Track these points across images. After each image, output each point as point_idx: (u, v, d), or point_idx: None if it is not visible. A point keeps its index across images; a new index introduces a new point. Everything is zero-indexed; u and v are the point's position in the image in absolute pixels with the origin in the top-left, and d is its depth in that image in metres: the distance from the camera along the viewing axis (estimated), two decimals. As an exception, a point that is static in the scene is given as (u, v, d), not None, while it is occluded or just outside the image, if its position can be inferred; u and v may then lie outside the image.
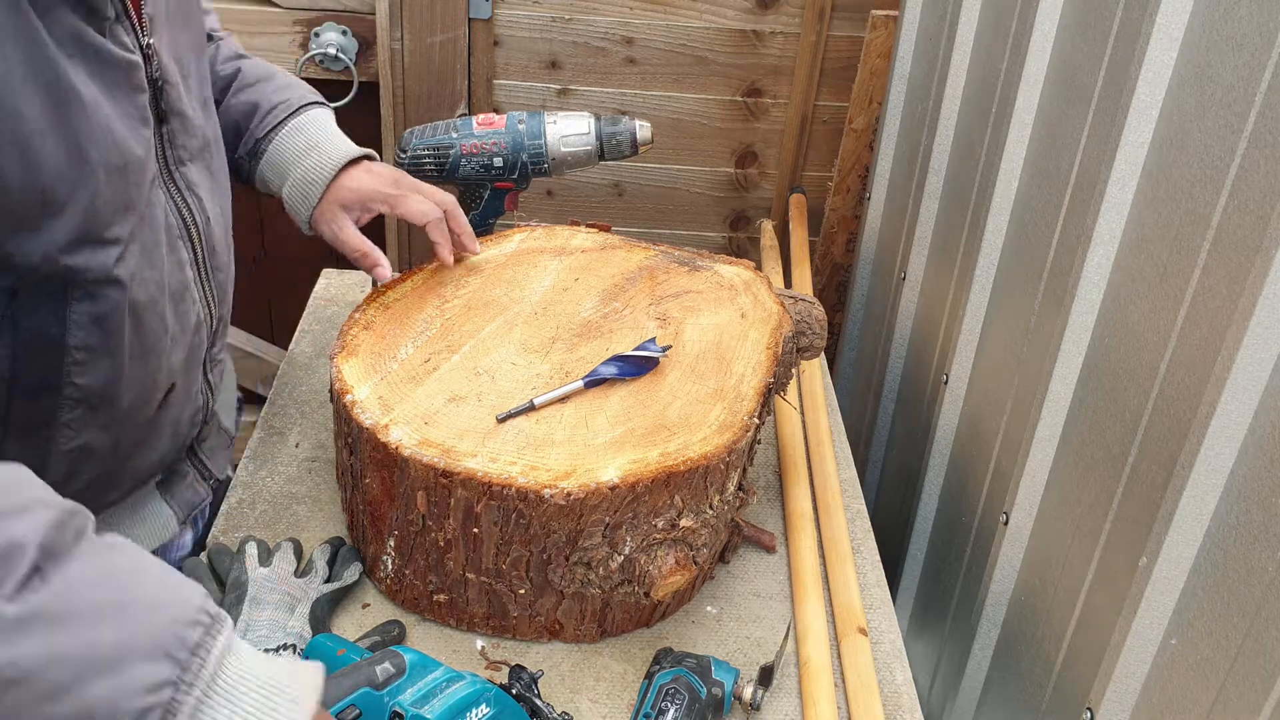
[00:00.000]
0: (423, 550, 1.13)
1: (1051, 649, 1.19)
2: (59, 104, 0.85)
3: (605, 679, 1.14)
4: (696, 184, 2.39)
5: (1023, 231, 1.36)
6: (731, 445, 1.11)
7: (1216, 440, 0.90)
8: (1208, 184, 0.95)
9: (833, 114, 2.31)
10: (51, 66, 0.85)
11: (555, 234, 1.47)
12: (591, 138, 1.51)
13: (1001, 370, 1.38)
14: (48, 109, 0.84)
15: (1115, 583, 1.05)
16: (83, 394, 0.98)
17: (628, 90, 2.27)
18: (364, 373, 1.17)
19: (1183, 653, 0.95)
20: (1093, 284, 1.14)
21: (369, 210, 1.30)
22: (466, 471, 1.05)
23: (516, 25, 2.20)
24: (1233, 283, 0.89)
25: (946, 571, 1.54)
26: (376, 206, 1.29)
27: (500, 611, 1.15)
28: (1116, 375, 1.10)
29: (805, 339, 1.35)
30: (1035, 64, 1.32)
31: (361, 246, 1.28)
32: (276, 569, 1.15)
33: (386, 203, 1.29)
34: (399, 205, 1.28)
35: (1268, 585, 0.84)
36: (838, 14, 2.21)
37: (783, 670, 1.16)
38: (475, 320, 1.27)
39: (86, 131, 0.88)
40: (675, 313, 1.31)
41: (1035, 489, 1.26)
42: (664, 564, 1.09)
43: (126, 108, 0.93)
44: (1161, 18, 1.02)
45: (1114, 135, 1.09)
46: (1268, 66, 0.87)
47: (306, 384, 1.51)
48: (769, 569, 1.30)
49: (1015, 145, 1.36)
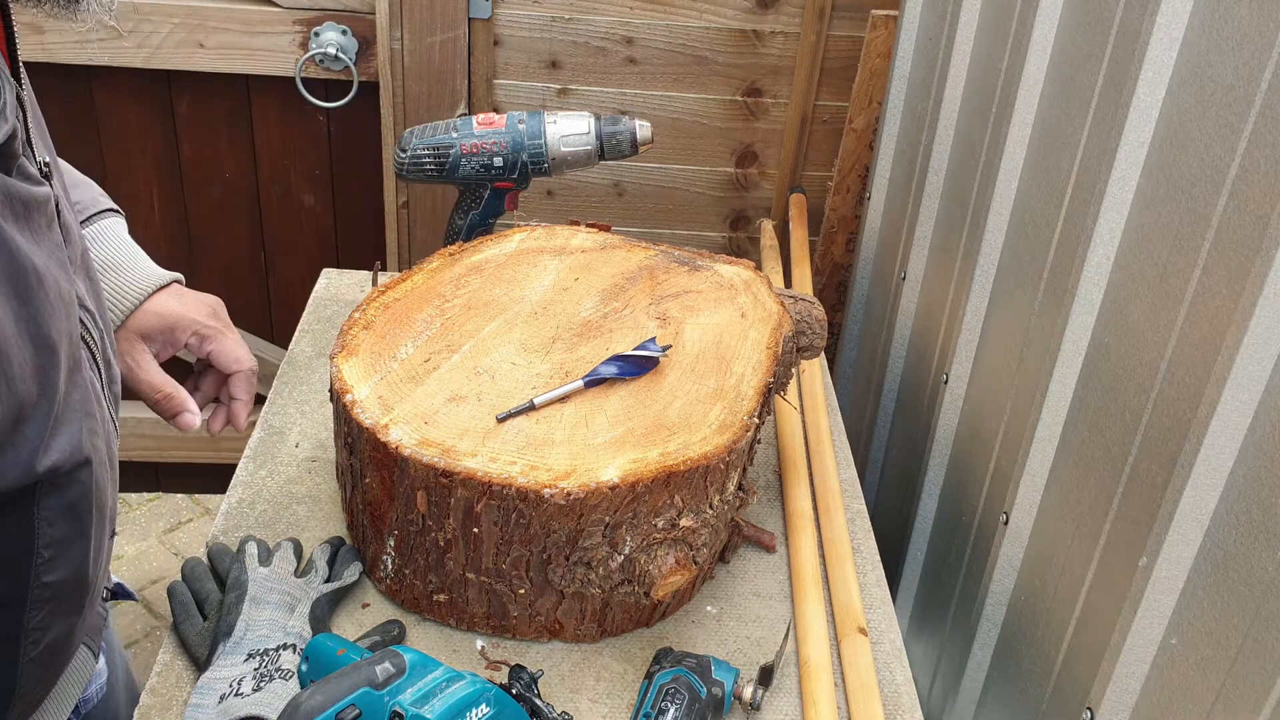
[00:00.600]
0: (423, 550, 1.13)
1: (1051, 649, 1.19)
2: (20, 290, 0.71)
3: (605, 679, 1.14)
4: (696, 184, 2.39)
5: (1023, 231, 1.36)
6: (731, 445, 1.11)
7: (1216, 440, 0.90)
8: (1208, 184, 0.95)
9: (833, 114, 2.31)
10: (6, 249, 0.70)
11: (555, 234, 1.47)
12: (591, 137, 1.51)
13: (1001, 370, 1.38)
14: (10, 302, 0.70)
15: (1115, 583, 1.05)
16: (52, 591, 0.83)
17: (628, 90, 2.27)
18: (364, 372, 1.17)
19: (1183, 653, 0.95)
20: (1093, 284, 1.14)
21: (173, 343, 1.11)
22: (466, 471, 1.05)
23: (516, 25, 2.20)
24: (1233, 283, 0.89)
25: (946, 571, 1.54)
26: (183, 338, 1.11)
27: (500, 611, 1.15)
28: (1116, 375, 1.10)
29: (805, 339, 1.35)
30: (1035, 64, 1.32)
31: (164, 388, 1.09)
32: (276, 569, 1.15)
33: (198, 334, 1.11)
34: (212, 341, 1.11)
35: (1268, 585, 0.84)
36: (838, 14, 2.21)
37: (783, 670, 1.16)
38: (475, 320, 1.27)
39: (47, 309, 0.73)
40: (675, 312, 1.31)
41: (1035, 489, 1.26)
42: (664, 564, 1.09)
43: (54, 252, 0.77)
44: (1161, 18, 1.02)
45: (1114, 135, 1.09)
46: (1268, 66, 0.87)
47: (306, 384, 1.51)
48: (769, 569, 1.30)
49: (1015, 145, 1.36)
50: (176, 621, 1.13)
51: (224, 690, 1.01)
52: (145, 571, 2.59)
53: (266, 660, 1.04)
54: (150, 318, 1.09)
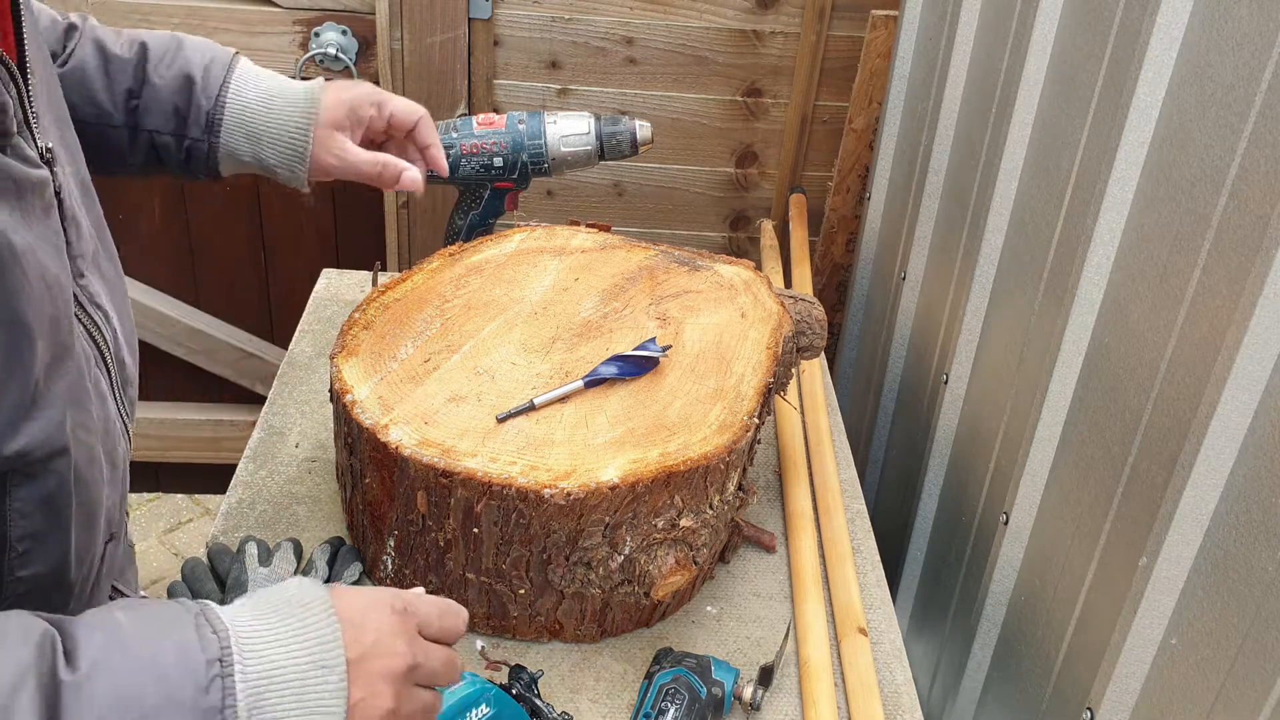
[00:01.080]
0: (423, 550, 1.13)
1: (1051, 649, 1.19)
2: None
3: (605, 679, 1.14)
4: (696, 184, 2.39)
5: (1023, 231, 1.36)
6: (731, 445, 1.11)
7: (1216, 440, 0.90)
8: (1208, 184, 0.95)
9: (833, 114, 2.31)
10: None
11: (555, 234, 1.47)
12: (591, 138, 1.51)
13: (1001, 370, 1.38)
14: None
15: (1115, 583, 1.05)
16: (27, 587, 0.80)
17: (628, 90, 2.27)
18: (364, 373, 1.17)
19: (1183, 653, 0.95)
20: (1093, 284, 1.14)
21: (360, 121, 1.16)
22: (466, 471, 1.05)
23: (516, 25, 2.20)
24: (1233, 283, 0.89)
25: (946, 571, 1.54)
26: (366, 113, 1.16)
27: (500, 611, 1.15)
28: (1116, 375, 1.10)
29: (805, 339, 1.35)
30: (1035, 64, 1.32)
31: (377, 160, 1.15)
32: (276, 569, 1.15)
33: (374, 104, 1.16)
34: (387, 103, 1.16)
35: (1268, 585, 0.84)
36: (838, 14, 2.21)
37: (783, 670, 1.16)
38: (475, 320, 1.27)
39: (23, 289, 0.71)
40: (675, 313, 1.31)
41: (1035, 489, 1.26)
42: (664, 564, 1.09)
43: (48, 237, 0.76)
44: (1161, 18, 1.02)
45: (1114, 135, 1.09)
46: (1268, 66, 0.87)
47: (306, 384, 1.51)
48: (769, 569, 1.30)
49: (1015, 145, 1.36)
50: (176, 621, 1.12)
51: (224, 690, 1.01)
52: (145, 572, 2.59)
53: (266, 660, 1.04)
54: (332, 110, 1.14)
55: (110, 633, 0.68)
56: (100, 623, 0.69)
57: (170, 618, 0.71)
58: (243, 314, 2.42)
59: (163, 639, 0.69)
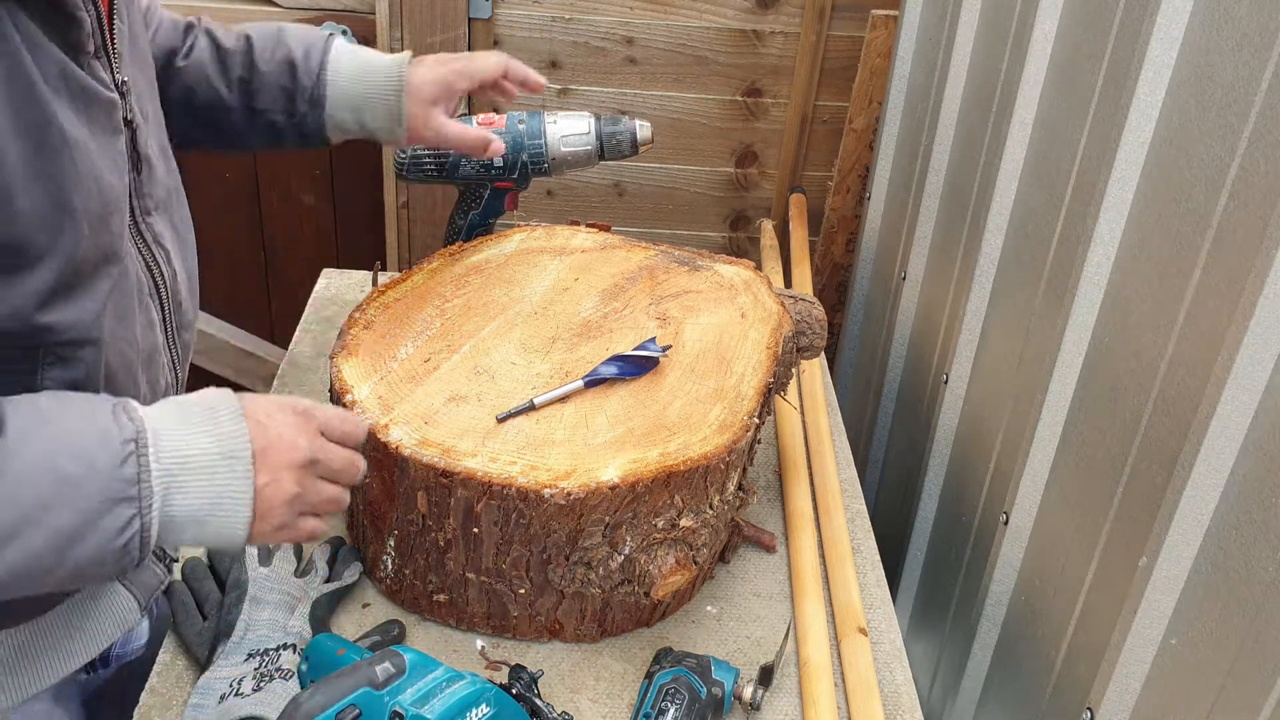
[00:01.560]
0: (423, 550, 1.13)
1: (1051, 649, 1.19)
2: (43, 147, 0.78)
3: (605, 679, 1.14)
4: (696, 184, 2.39)
5: (1023, 231, 1.36)
6: (731, 445, 1.11)
7: (1216, 440, 0.90)
8: (1208, 184, 0.95)
9: (833, 114, 2.31)
10: (40, 107, 0.78)
11: (555, 234, 1.47)
12: (592, 137, 1.51)
13: (1001, 370, 1.38)
14: (29, 153, 0.77)
15: (1115, 583, 1.05)
16: None
17: (628, 90, 2.27)
18: (364, 372, 1.17)
19: (1183, 653, 0.95)
20: (1093, 284, 1.14)
21: (452, 94, 1.28)
22: (466, 471, 1.05)
23: (516, 25, 2.20)
24: (1233, 283, 0.89)
25: (946, 571, 1.54)
26: (459, 85, 1.28)
27: (500, 611, 1.15)
28: (1116, 375, 1.10)
29: (805, 339, 1.35)
30: (1035, 64, 1.32)
31: (469, 132, 1.29)
32: (276, 569, 1.15)
33: (466, 77, 1.29)
34: (473, 72, 1.29)
35: (1268, 585, 0.84)
36: (838, 14, 2.21)
37: (783, 670, 1.16)
38: (475, 320, 1.27)
39: (72, 176, 0.80)
40: (675, 312, 1.31)
41: (1035, 489, 1.26)
42: (664, 564, 1.09)
43: (109, 150, 0.86)
44: (1161, 18, 1.02)
45: (1114, 135, 1.09)
46: (1268, 66, 0.87)
47: (306, 384, 1.51)
48: (769, 569, 1.30)
49: (1015, 145, 1.36)
50: (176, 621, 1.13)
51: (224, 690, 1.01)
52: (145, 571, 2.59)
53: (266, 660, 1.04)
54: (426, 87, 1.25)
55: (34, 411, 0.75)
56: (25, 401, 0.76)
57: (89, 403, 0.79)
58: (243, 314, 2.42)
59: (83, 420, 0.77)
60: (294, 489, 0.83)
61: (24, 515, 0.72)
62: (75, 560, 0.74)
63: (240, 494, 0.80)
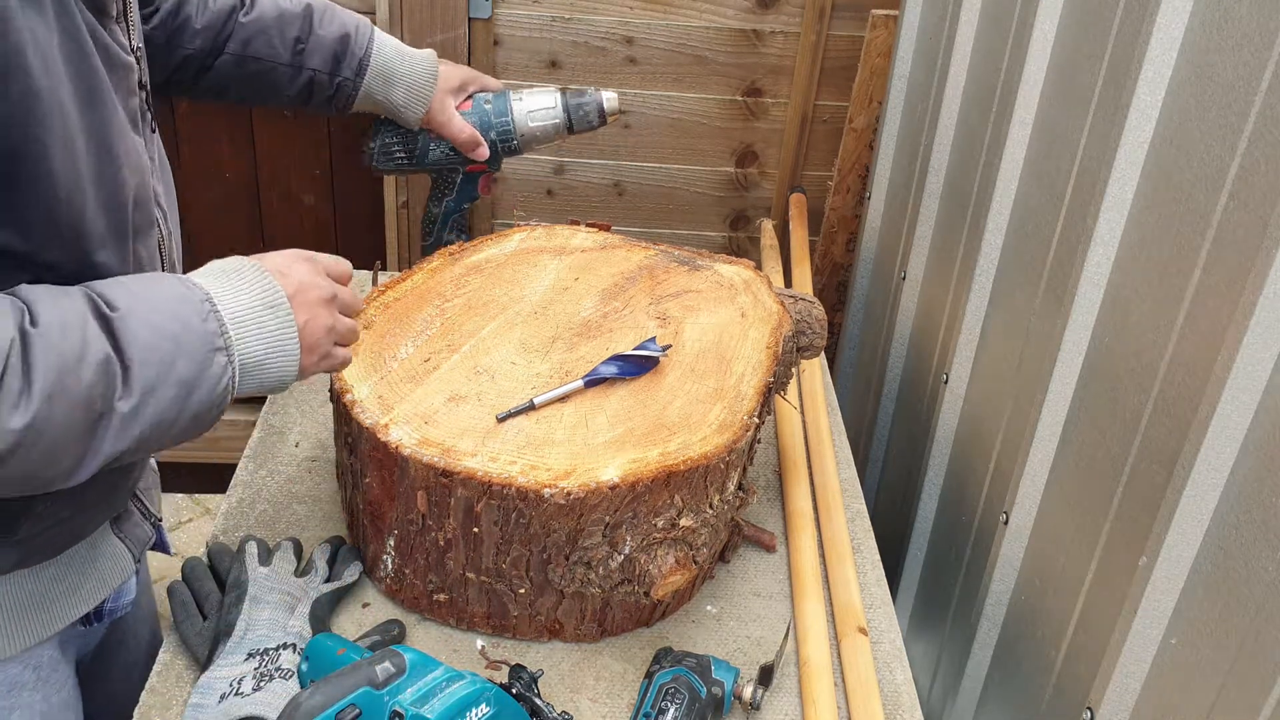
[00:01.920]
0: (423, 550, 1.13)
1: (1051, 649, 1.19)
2: (92, 100, 0.84)
3: (605, 678, 1.14)
4: (696, 184, 2.39)
5: (1023, 231, 1.36)
6: (731, 445, 1.11)
7: (1216, 440, 0.90)
8: (1208, 184, 0.95)
9: (833, 114, 2.31)
10: (88, 61, 0.83)
11: (555, 233, 1.47)
12: (559, 110, 1.50)
13: (1001, 370, 1.38)
14: (81, 104, 0.82)
15: (1115, 583, 1.05)
16: None
17: (628, 90, 2.27)
18: (364, 372, 1.17)
19: (1183, 653, 0.95)
20: (1093, 284, 1.14)
21: (465, 91, 1.49)
22: (466, 471, 1.05)
23: (516, 25, 2.20)
24: (1233, 283, 0.89)
25: (946, 571, 1.54)
26: (471, 85, 1.49)
27: (500, 611, 1.15)
28: (1116, 375, 1.10)
29: (805, 338, 1.35)
30: (1035, 64, 1.32)
31: (465, 129, 1.47)
32: (276, 568, 1.15)
33: (476, 80, 1.50)
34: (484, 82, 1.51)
35: (1268, 585, 0.84)
36: (838, 13, 2.21)
37: (783, 670, 1.16)
38: (475, 320, 1.27)
39: (116, 128, 0.86)
40: (675, 312, 1.31)
41: (1035, 489, 1.26)
42: (664, 564, 1.09)
43: (131, 110, 0.92)
44: (1161, 18, 1.02)
45: (1114, 135, 1.09)
46: (1268, 66, 0.87)
47: (306, 384, 1.51)
48: (769, 569, 1.30)
49: (1015, 145, 1.36)
50: (176, 621, 1.13)
51: (224, 690, 1.01)
52: (145, 571, 2.59)
53: (266, 660, 1.04)
54: (451, 79, 1.46)
55: (126, 287, 0.84)
56: (115, 282, 0.85)
57: (159, 277, 0.88)
58: (243, 314, 2.41)
59: (162, 288, 0.86)
60: (328, 320, 0.95)
61: (158, 372, 0.81)
62: (191, 410, 0.84)
63: (289, 336, 0.90)
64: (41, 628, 1.00)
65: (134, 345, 0.81)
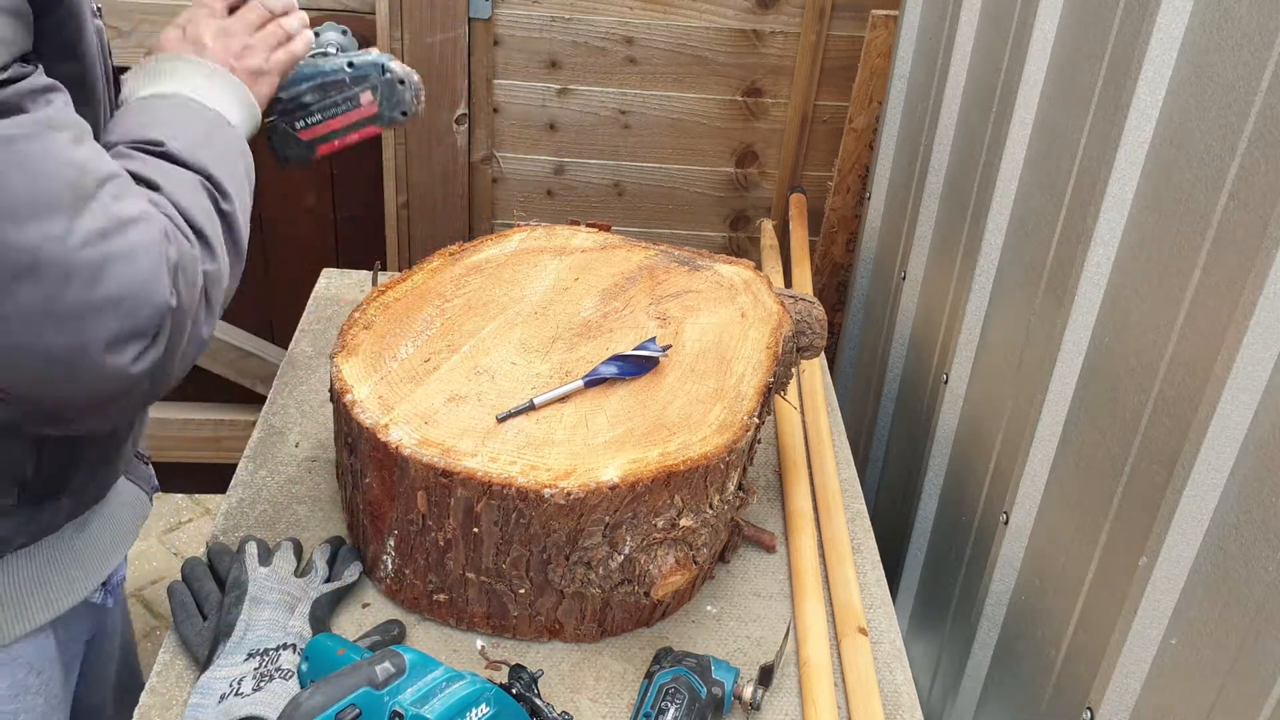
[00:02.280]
0: (423, 550, 1.13)
1: (1051, 649, 1.19)
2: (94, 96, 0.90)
3: (605, 679, 1.14)
4: (696, 184, 2.39)
5: (1023, 231, 1.36)
6: (731, 445, 1.11)
7: (1216, 440, 0.90)
8: (1208, 184, 0.95)
9: (833, 114, 2.31)
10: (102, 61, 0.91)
11: (555, 234, 1.47)
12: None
13: (1001, 370, 1.38)
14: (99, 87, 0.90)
15: (1115, 583, 1.05)
16: None
17: (628, 90, 2.27)
18: (364, 372, 1.17)
19: (1183, 653, 0.95)
20: (1093, 284, 1.14)
21: None
22: (466, 471, 1.05)
23: (516, 25, 2.20)
24: (1233, 283, 0.89)
25: (946, 571, 1.54)
26: None
27: (500, 611, 1.15)
28: (1116, 375, 1.10)
29: (805, 339, 1.35)
30: (1035, 64, 1.32)
31: None
32: (276, 569, 1.15)
33: None
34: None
35: (1268, 585, 0.84)
36: (838, 14, 2.21)
37: (783, 670, 1.16)
38: (475, 320, 1.27)
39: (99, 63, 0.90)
40: (675, 312, 1.31)
41: (1035, 489, 1.26)
42: (664, 564, 1.09)
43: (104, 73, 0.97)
44: (1161, 18, 1.02)
45: (1114, 135, 1.09)
46: (1268, 66, 0.87)
47: (306, 384, 1.51)
48: (769, 569, 1.30)
49: (1015, 145, 1.36)
50: (176, 621, 1.13)
51: (224, 690, 1.01)
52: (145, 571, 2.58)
53: (266, 660, 1.04)
54: None
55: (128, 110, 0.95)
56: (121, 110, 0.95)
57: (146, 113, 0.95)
58: (242, 314, 2.42)
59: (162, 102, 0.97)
60: (236, 26, 1.06)
61: (203, 130, 0.94)
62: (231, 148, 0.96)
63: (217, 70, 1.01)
64: (88, 578, 1.06)
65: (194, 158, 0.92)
